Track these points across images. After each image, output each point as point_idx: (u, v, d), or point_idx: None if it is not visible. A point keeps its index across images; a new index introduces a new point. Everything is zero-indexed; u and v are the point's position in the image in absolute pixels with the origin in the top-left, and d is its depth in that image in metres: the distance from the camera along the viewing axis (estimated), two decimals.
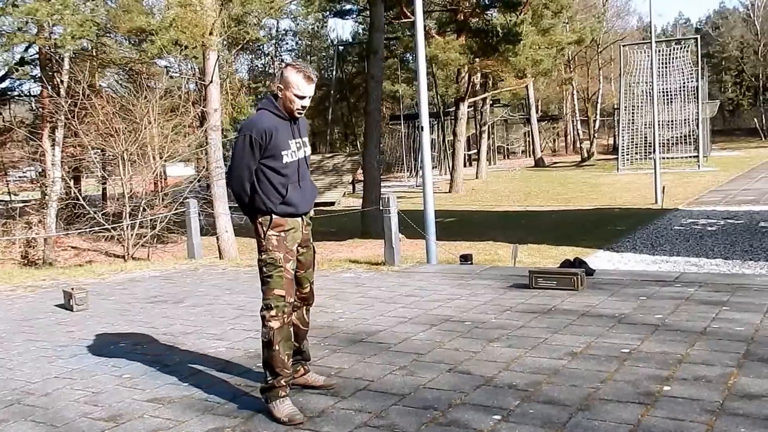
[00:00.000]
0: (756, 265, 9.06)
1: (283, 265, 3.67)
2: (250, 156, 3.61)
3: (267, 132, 3.59)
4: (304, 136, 3.83)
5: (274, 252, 3.67)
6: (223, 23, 12.87)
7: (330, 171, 28.15)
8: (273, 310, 3.63)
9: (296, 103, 3.66)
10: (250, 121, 3.68)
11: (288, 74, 3.65)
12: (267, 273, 3.66)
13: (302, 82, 3.64)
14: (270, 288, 3.65)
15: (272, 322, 3.63)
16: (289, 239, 3.72)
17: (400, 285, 7.28)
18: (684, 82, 34.42)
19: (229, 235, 13.02)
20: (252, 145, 3.59)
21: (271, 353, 3.63)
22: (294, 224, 3.75)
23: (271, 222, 3.68)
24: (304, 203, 3.78)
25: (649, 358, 4.21)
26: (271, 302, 3.64)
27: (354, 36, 47.60)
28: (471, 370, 4.19)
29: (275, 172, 3.66)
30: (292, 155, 3.70)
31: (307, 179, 3.84)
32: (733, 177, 24.55)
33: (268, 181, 3.65)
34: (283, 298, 3.65)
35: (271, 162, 3.64)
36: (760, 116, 60.26)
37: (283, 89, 3.66)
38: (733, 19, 69.68)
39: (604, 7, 50.40)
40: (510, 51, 22.86)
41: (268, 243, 3.67)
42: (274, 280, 3.65)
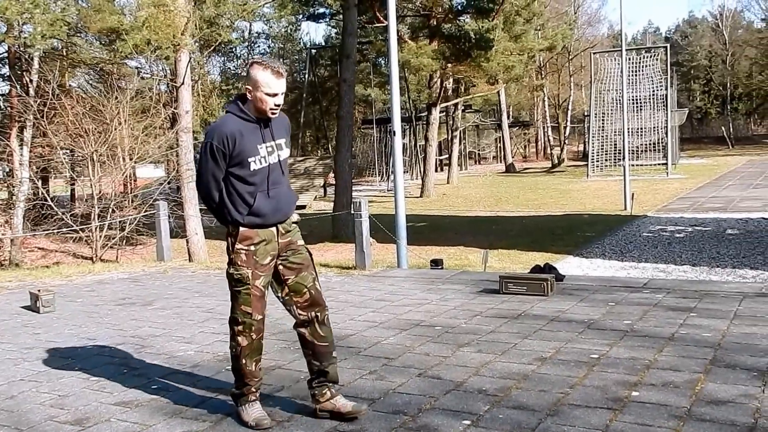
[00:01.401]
0: (723, 272, 9.21)
1: (251, 282, 3.44)
2: (214, 165, 3.38)
3: (229, 138, 3.34)
4: (279, 137, 3.52)
5: (242, 268, 3.44)
6: (195, 24, 12.77)
7: (301, 174, 28.07)
8: (240, 326, 3.49)
9: (268, 103, 3.39)
10: (212, 127, 3.44)
11: (255, 72, 3.39)
12: (235, 288, 3.48)
13: (271, 79, 3.38)
14: (238, 303, 3.49)
15: (240, 337, 3.49)
16: (260, 253, 3.46)
17: (370, 289, 7.27)
18: (653, 90, 34.91)
19: (199, 238, 12.91)
20: (214, 153, 3.36)
21: (239, 366, 3.54)
22: (265, 235, 3.48)
23: (237, 234, 3.44)
24: (275, 213, 3.49)
25: (617, 364, 4.25)
26: (239, 317, 3.49)
27: (327, 39, 47.56)
28: (441, 374, 4.19)
29: (241, 181, 3.41)
30: (260, 161, 3.42)
31: (281, 185, 3.53)
32: (701, 184, 24.94)
33: (234, 190, 3.43)
34: (250, 315, 3.47)
35: (237, 170, 3.40)
36: (728, 125, 61.36)
37: (252, 90, 3.39)
38: (702, 29, 70.93)
39: (576, 14, 51.01)
40: (482, 57, 23.01)
41: (236, 257, 3.45)
42: (242, 296, 3.47)
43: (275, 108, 3.44)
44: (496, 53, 23.33)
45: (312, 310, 3.55)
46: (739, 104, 66.09)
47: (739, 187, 23.11)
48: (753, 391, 3.67)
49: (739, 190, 21.62)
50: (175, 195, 15.03)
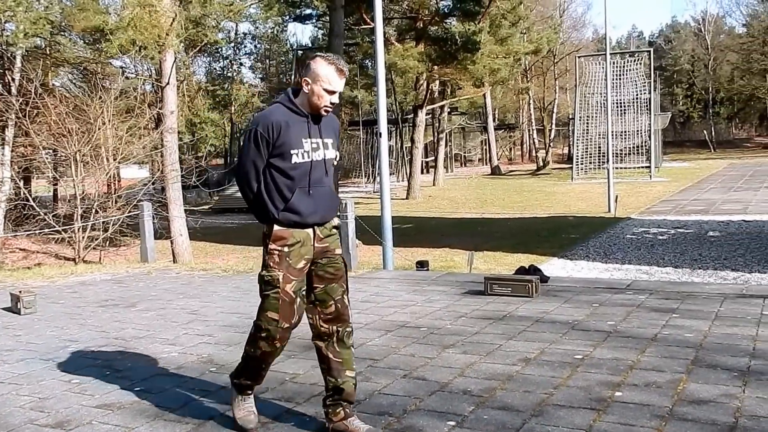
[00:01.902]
0: (704, 274, 9.28)
1: (281, 286, 3.24)
2: (256, 153, 3.24)
3: (274, 126, 3.20)
4: (327, 137, 3.35)
5: (274, 270, 3.25)
6: (181, 25, 12.71)
7: None
8: (263, 333, 3.31)
9: (324, 99, 3.25)
10: (258, 115, 3.32)
11: (317, 66, 3.24)
12: (263, 291, 3.29)
13: (334, 76, 3.24)
14: (264, 308, 3.30)
15: (261, 343, 3.33)
16: (294, 255, 3.26)
17: (356, 291, 7.25)
18: (637, 93, 35.16)
19: (184, 239, 12.84)
20: (257, 140, 3.22)
21: (254, 365, 3.42)
22: (301, 237, 3.28)
23: (272, 233, 3.27)
24: (313, 213, 3.29)
25: (601, 364, 4.28)
26: (263, 323, 3.30)
27: (313, 41, 47.47)
28: (426, 376, 4.20)
29: (281, 173, 3.25)
30: (303, 155, 3.25)
31: (324, 186, 3.34)
32: (684, 187, 25.14)
33: (273, 182, 3.27)
34: (276, 322, 3.27)
35: (277, 161, 3.24)
36: (710, 129, 61.90)
37: (311, 83, 3.24)
38: (685, 34, 71.54)
39: (561, 18, 51.29)
40: (468, 59, 23.07)
41: (269, 258, 3.27)
42: (269, 301, 3.28)
43: (330, 106, 3.29)
44: (482, 56, 23.40)
45: (335, 324, 3.37)
46: (720, 108, 66.71)
47: (720, 190, 23.32)
48: (734, 391, 3.71)
49: (721, 193, 21.82)
50: (160, 196, 14.93)
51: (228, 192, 27.78)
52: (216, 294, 7.41)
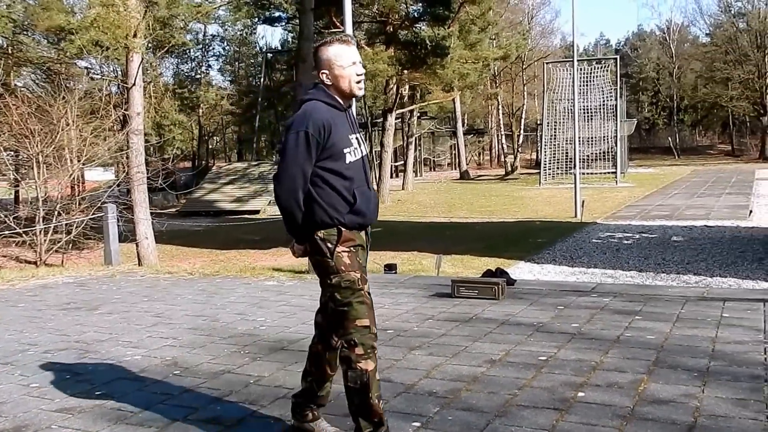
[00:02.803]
0: (668, 278, 9.42)
1: (361, 287, 2.98)
2: (306, 157, 2.91)
3: (325, 126, 2.92)
4: (359, 130, 3.17)
5: (349, 272, 2.95)
6: (147, 25, 12.58)
7: (256, 179, 27.85)
8: (359, 348, 2.94)
9: (351, 75, 3.00)
10: (302, 115, 2.96)
11: (323, 52, 3.02)
12: (344, 300, 2.95)
13: (342, 49, 3.01)
14: (350, 319, 2.95)
15: (362, 362, 2.94)
16: (361, 257, 3.04)
17: None
18: (604, 100, 35.62)
19: (150, 242, 12.68)
20: (308, 142, 2.90)
21: (368, 400, 2.99)
22: (360, 239, 3.06)
23: (340, 236, 2.97)
24: (373, 212, 3.11)
25: (565, 365, 4.32)
26: (355, 337, 2.94)
27: (283, 44, 47.38)
28: (392, 377, 4.20)
29: (338, 176, 2.97)
30: (354, 153, 3.02)
31: (370, 183, 3.16)
32: (649, 193, 25.50)
33: (330, 186, 2.96)
34: (368, 329, 2.96)
35: (331, 163, 2.96)
36: (674, 135, 62.94)
37: (328, 70, 3.01)
38: (650, 42, 72.68)
39: (530, 25, 51.81)
40: (438, 64, 23.18)
41: (338, 262, 2.95)
42: (354, 307, 2.94)
43: (360, 79, 3.04)
44: (451, 61, 23.53)
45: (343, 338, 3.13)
46: (685, 116, 67.84)
47: (684, 196, 23.71)
48: (693, 391, 3.77)
49: (685, 199, 22.18)
50: (125, 198, 14.73)
51: (195, 195, 27.52)
52: (181, 297, 7.33)
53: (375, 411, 3.03)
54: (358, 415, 3.05)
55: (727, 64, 56.67)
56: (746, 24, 56.52)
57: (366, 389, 2.97)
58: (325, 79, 3.03)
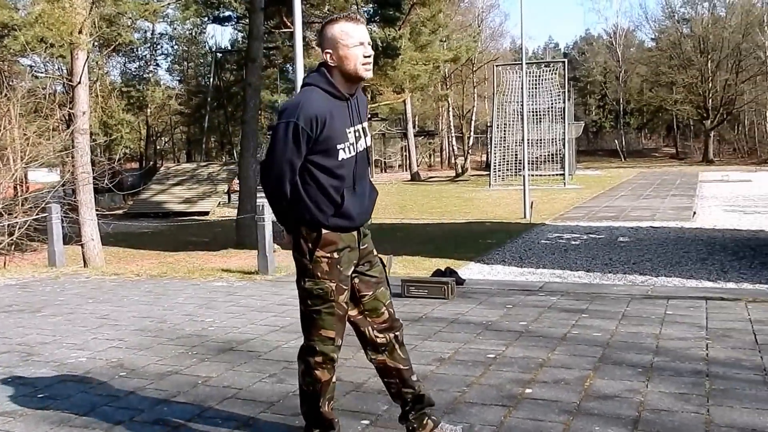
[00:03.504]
0: (614, 277, 9.61)
1: (335, 298, 2.87)
2: (294, 151, 2.75)
3: (318, 119, 2.73)
4: (364, 120, 2.94)
5: (324, 280, 2.84)
6: (93, 23, 12.30)
7: (205, 180, 27.48)
8: (319, 356, 2.90)
9: (357, 56, 2.78)
10: (293, 103, 2.79)
11: (328, 30, 2.81)
12: (313, 307, 2.87)
13: (350, 27, 2.79)
14: (316, 326, 2.88)
15: (319, 371, 2.91)
16: (344, 262, 2.88)
17: (273, 294, 7.19)
18: (552, 103, 36.20)
19: (96, 244, 12.41)
20: (297, 135, 2.72)
21: (315, 408, 2.99)
22: (349, 241, 2.90)
23: (319, 239, 2.83)
24: (362, 213, 2.94)
25: (513, 363, 4.37)
26: (317, 345, 2.90)
27: (233, 43, 46.84)
28: (342, 376, 4.18)
29: (327, 174, 2.81)
30: (349, 149, 2.84)
31: (366, 180, 2.99)
32: (596, 195, 25.99)
33: (316, 184, 2.81)
34: (332, 341, 2.90)
35: (321, 159, 2.79)
36: (621, 138, 64.31)
37: (332, 50, 2.79)
38: (597, 46, 74.13)
39: (479, 27, 52.34)
40: (389, 65, 23.26)
41: (316, 267, 2.84)
42: (322, 317, 2.87)
43: (367, 61, 2.82)
44: (402, 62, 23.63)
45: (391, 332, 3.08)
46: (631, 119, 69.39)
47: (630, 197, 24.23)
48: (637, 386, 3.85)
49: (631, 201, 22.67)
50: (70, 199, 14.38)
51: (143, 196, 27.02)
52: (128, 298, 7.19)
53: (325, 417, 3.03)
54: (306, 418, 3.10)
55: (671, 69, 58.15)
56: (690, 30, 58.14)
57: (316, 398, 2.97)
58: (328, 59, 2.82)
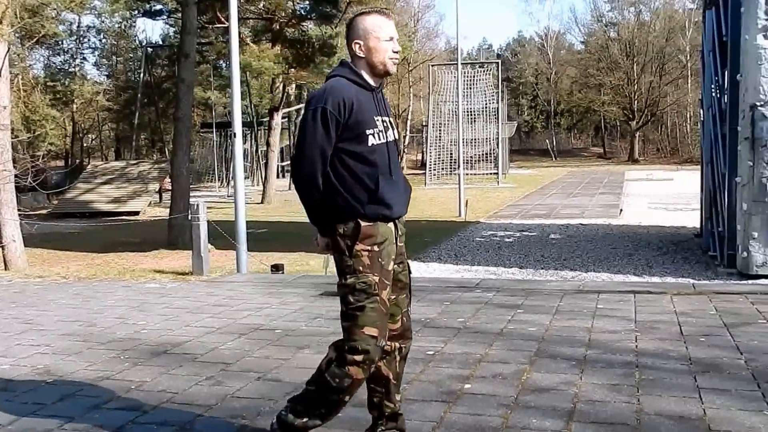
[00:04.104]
0: (547, 273, 9.81)
1: (379, 292, 2.72)
2: (324, 136, 2.67)
3: (346, 103, 2.68)
4: (389, 115, 2.93)
5: (366, 274, 2.71)
6: (15, 13, 11.84)
7: (135, 179, 26.77)
8: (359, 355, 2.71)
9: (386, 50, 2.77)
10: (321, 92, 2.73)
11: (360, 21, 2.80)
12: (356, 303, 2.71)
13: (381, 20, 2.79)
14: (359, 325, 2.71)
15: (354, 369, 2.72)
16: (384, 255, 2.76)
17: (208, 295, 7.06)
18: (486, 103, 36.71)
19: (18, 245, 11.92)
20: (326, 120, 2.66)
21: (335, 400, 2.81)
22: (387, 233, 2.79)
23: (358, 232, 2.72)
24: (400, 202, 2.84)
25: (451, 359, 4.40)
26: (360, 344, 2.70)
27: (164, 38, 45.79)
28: (281, 377, 4.14)
29: (359, 160, 2.72)
30: (379, 136, 2.77)
31: (400, 171, 2.91)
32: (528, 193, 26.49)
33: (349, 172, 2.72)
34: (375, 340, 2.72)
35: (351, 145, 2.71)
36: (552, 138, 65.70)
37: (362, 41, 2.78)
38: (530, 48, 75.47)
39: (415, 27, 52.67)
40: (325, 63, 23.13)
41: (357, 262, 2.72)
42: (366, 314, 2.70)
43: (395, 56, 2.81)
44: (338, 60, 23.55)
45: (399, 341, 2.95)
46: (561, 119, 70.93)
47: (561, 195, 24.80)
48: (572, 379, 3.93)
49: (561, 199, 23.20)
50: None
51: (69, 195, 26.17)
52: (54, 302, 6.94)
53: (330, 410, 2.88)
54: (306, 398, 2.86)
55: (599, 71, 59.75)
56: (617, 33, 59.91)
57: (338, 391, 2.78)
58: (357, 51, 2.80)
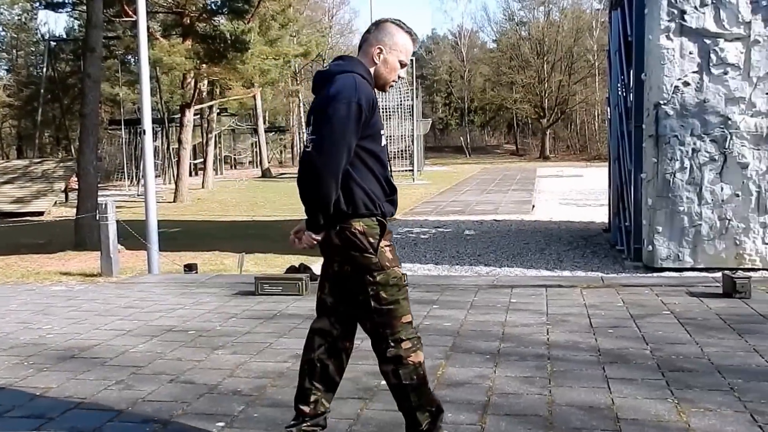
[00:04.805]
0: (462, 269, 9.97)
1: (406, 282, 2.81)
2: (353, 132, 2.61)
3: (372, 102, 2.66)
4: None
5: (394, 268, 2.74)
6: None
7: (38, 178, 25.63)
8: (407, 342, 2.76)
9: (396, 73, 2.80)
10: (347, 85, 2.65)
11: (394, 32, 2.76)
12: (390, 298, 2.73)
13: (411, 45, 2.80)
14: (397, 317, 2.74)
15: (413, 356, 2.77)
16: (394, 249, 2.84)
17: (118, 297, 6.85)
18: (401, 100, 36.98)
19: None
20: (359, 116, 2.61)
21: (426, 390, 2.84)
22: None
23: (383, 229, 2.74)
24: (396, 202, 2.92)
25: (368, 356, 4.38)
26: (402, 333, 2.75)
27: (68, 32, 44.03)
28: (194, 379, 4.06)
29: (375, 159, 2.72)
30: (383, 138, 2.83)
31: None
32: (443, 190, 26.85)
33: (368, 169, 2.70)
34: (411, 325, 2.80)
35: (370, 144, 2.69)
36: (466, 135, 66.88)
37: (386, 52, 2.76)
38: (444, 46, 76.50)
39: (330, 23, 52.56)
40: (238, 59, 22.77)
41: (382, 258, 2.72)
42: (401, 305, 2.75)
43: (396, 81, 2.87)
44: (251, 56, 23.21)
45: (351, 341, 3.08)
46: (475, 117, 72.25)
47: (475, 192, 25.26)
48: (486, 372, 4.02)
49: (475, 195, 23.64)
50: None
51: None
52: None
53: (433, 399, 2.89)
54: (416, 410, 2.83)
55: (511, 69, 61.14)
56: (528, 33, 61.42)
57: (423, 381, 2.81)
58: (375, 55, 2.76)
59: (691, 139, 8.08)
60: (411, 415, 2.84)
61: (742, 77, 7.97)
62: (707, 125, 8.04)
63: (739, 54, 7.97)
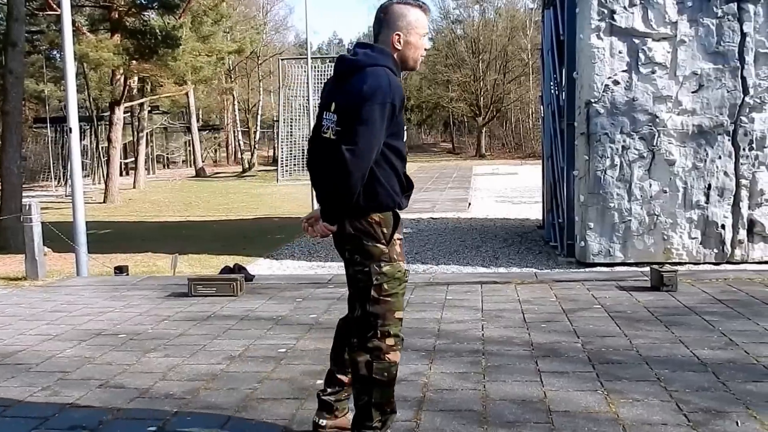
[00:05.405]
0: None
1: (408, 278, 2.87)
2: (384, 132, 2.65)
3: (402, 99, 2.71)
4: None
5: (400, 262, 2.79)
6: None
7: None
8: (391, 339, 2.76)
9: (422, 47, 2.79)
10: (381, 84, 2.62)
11: (405, 12, 2.73)
12: (390, 290, 2.76)
13: (423, 17, 2.77)
14: (391, 310, 2.76)
15: (392, 354, 2.77)
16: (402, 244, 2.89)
17: (44, 300, 6.62)
18: None
19: None
20: (392, 116, 2.65)
21: (389, 393, 2.82)
22: None
23: (398, 222, 2.81)
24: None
25: (304, 356, 4.39)
26: (391, 329, 2.76)
27: None
28: (125, 383, 3.95)
29: (397, 155, 2.75)
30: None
31: None
32: None
33: (390, 166, 2.73)
34: (400, 322, 2.82)
35: (395, 141, 2.72)
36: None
37: (404, 34, 2.73)
38: None
39: (264, 19, 52.02)
40: (169, 55, 22.29)
41: (392, 250, 2.77)
42: (398, 299, 2.79)
43: (425, 54, 2.84)
44: (183, 53, 22.76)
45: None
46: (412, 115, 72.69)
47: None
48: (422, 369, 4.04)
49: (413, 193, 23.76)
50: None
51: None
52: None
53: (393, 401, 2.87)
54: (372, 407, 2.79)
55: (447, 68, 61.63)
56: (463, 31, 62.07)
57: (392, 381, 2.81)
58: (395, 42, 2.74)
59: (621, 136, 8.29)
60: (365, 410, 2.81)
61: (669, 76, 8.22)
62: (636, 123, 8.26)
63: (666, 53, 8.22)
